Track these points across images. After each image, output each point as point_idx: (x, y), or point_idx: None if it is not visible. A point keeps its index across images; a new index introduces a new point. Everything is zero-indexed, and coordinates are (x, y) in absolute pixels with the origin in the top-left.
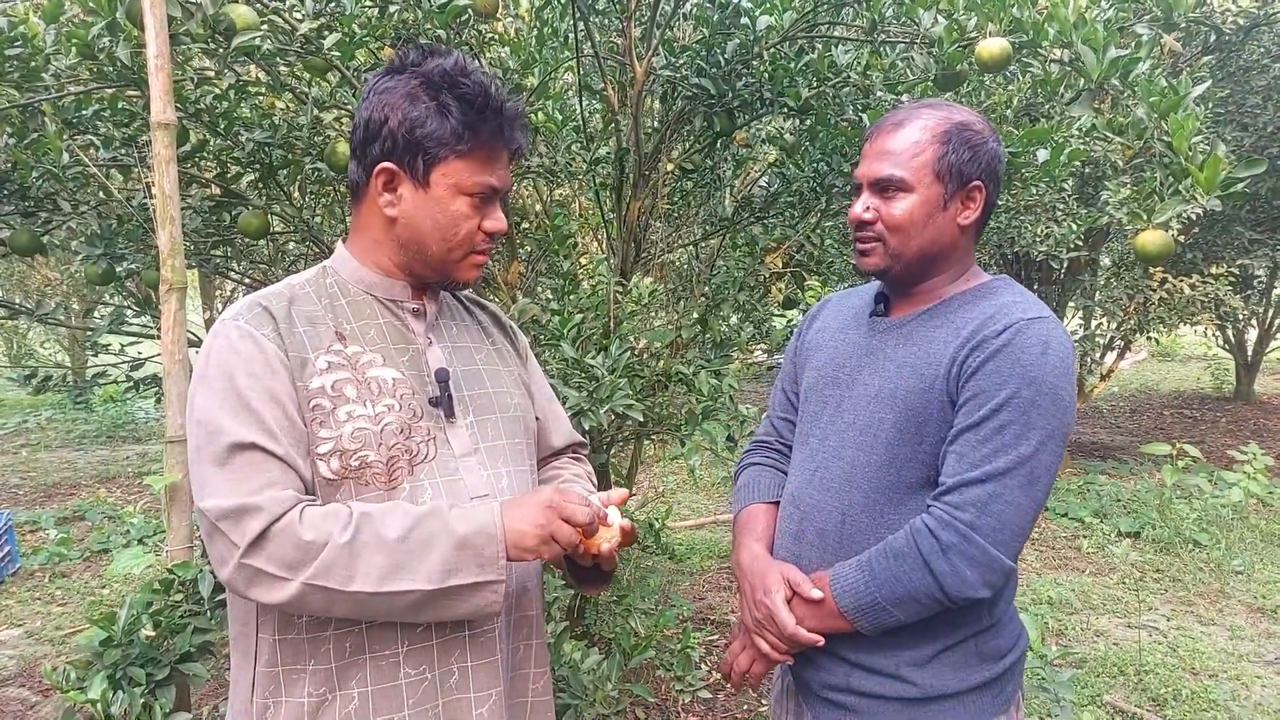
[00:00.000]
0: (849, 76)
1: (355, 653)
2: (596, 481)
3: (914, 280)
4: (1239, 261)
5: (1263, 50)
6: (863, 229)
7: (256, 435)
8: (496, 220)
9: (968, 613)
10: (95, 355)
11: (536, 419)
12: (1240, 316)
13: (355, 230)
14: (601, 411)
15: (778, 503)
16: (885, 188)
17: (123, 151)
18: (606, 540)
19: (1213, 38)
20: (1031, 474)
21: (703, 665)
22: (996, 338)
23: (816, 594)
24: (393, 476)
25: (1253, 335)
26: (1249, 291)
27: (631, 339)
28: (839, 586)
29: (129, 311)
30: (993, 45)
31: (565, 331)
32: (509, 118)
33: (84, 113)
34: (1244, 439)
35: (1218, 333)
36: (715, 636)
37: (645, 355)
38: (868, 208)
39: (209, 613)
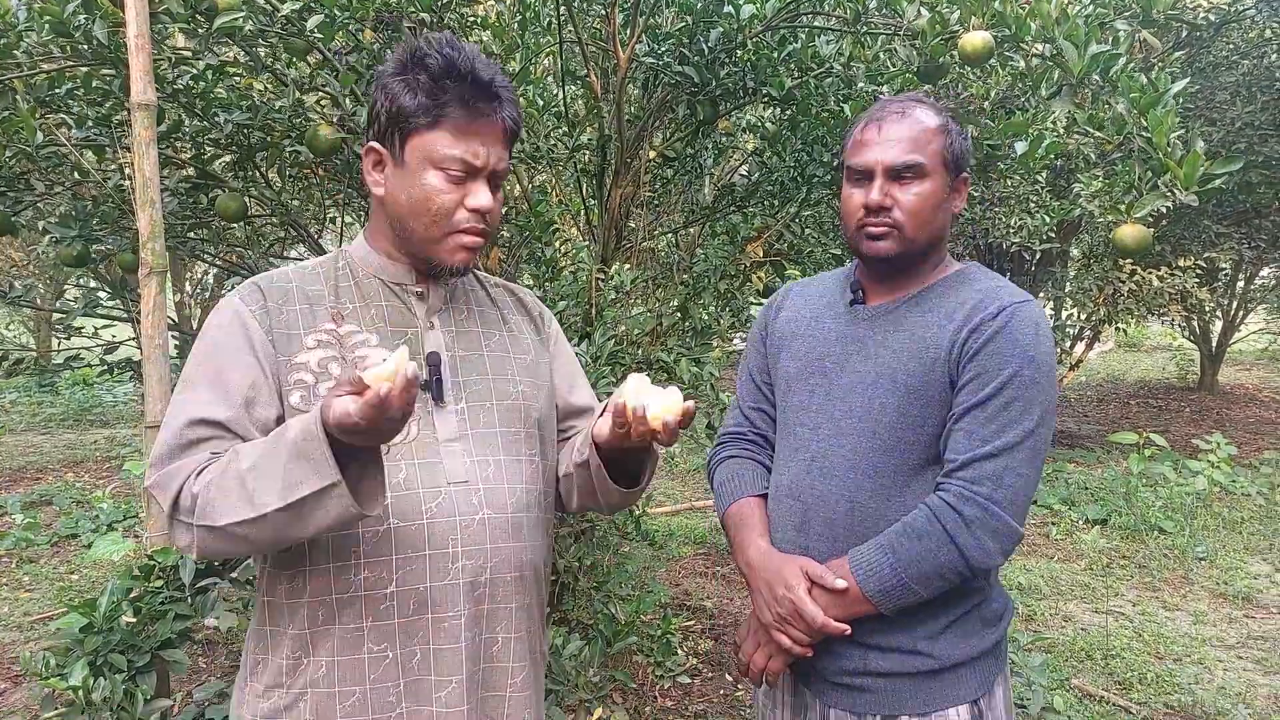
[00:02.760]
0: (832, 67)
1: (326, 621)
2: None
3: (910, 266)
4: (1206, 254)
5: (1232, 47)
6: (879, 214)
7: (216, 409)
8: (480, 198)
9: (972, 581)
10: (68, 338)
11: (558, 405)
12: (1206, 309)
13: (370, 217)
14: None
15: (764, 495)
16: (902, 173)
17: (96, 131)
18: (670, 413)
19: (1184, 33)
20: (1035, 446)
21: (680, 650)
22: (993, 320)
23: (841, 583)
24: None
25: (1218, 327)
26: (1215, 284)
27: (613, 326)
28: (862, 572)
29: (101, 294)
30: (976, 39)
31: None
32: (481, 86)
33: (57, 91)
34: (1208, 428)
35: (1183, 324)
36: (692, 622)
37: (626, 343)
38: (885, 194)
39: (189, 599)
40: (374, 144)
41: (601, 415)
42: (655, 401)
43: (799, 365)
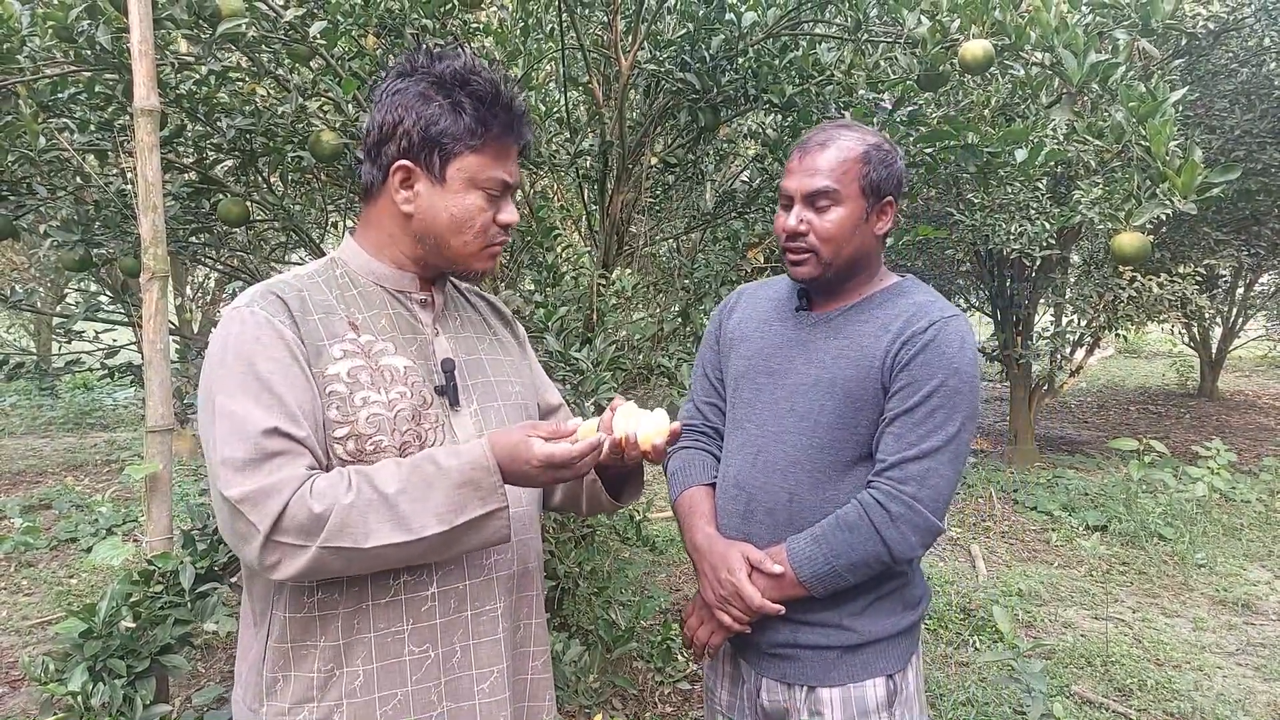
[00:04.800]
0: (832, 74)
1: (361, 630)
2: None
3: (839, 284)
4: (1205, 261)
5: (1231, 55)
6: (795, 239)
7: (280, 420)
8: (509, 213)
9: (890, 569)
10: (69, 342)
11: (538, 404)
12: (1206, 315)
13: (366, 225)
14: (587, 405)
15: (713, 484)
16: (818, 201)
17: (99, 136)
18: (659, 436)
19: (1183, 42)
20: (957, 450)
21: (680, 656)
22: (924, 333)
23: (777, 569)
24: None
25: (1217, 333)
26: (1215, 290)
27: (614, 332)
28: (797, 559)
29: (103, 298)
30: (976, 47)
31: (549, 324)
32: (518, 114)
33: (60, 95)
34: (1208, 435)
35: (1183, 330)
36: None
37: (627, 348)
38: (801, 220)
39: (189, 604)
40: (404, 162)
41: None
42: (645, 426)
43: (747, 364)
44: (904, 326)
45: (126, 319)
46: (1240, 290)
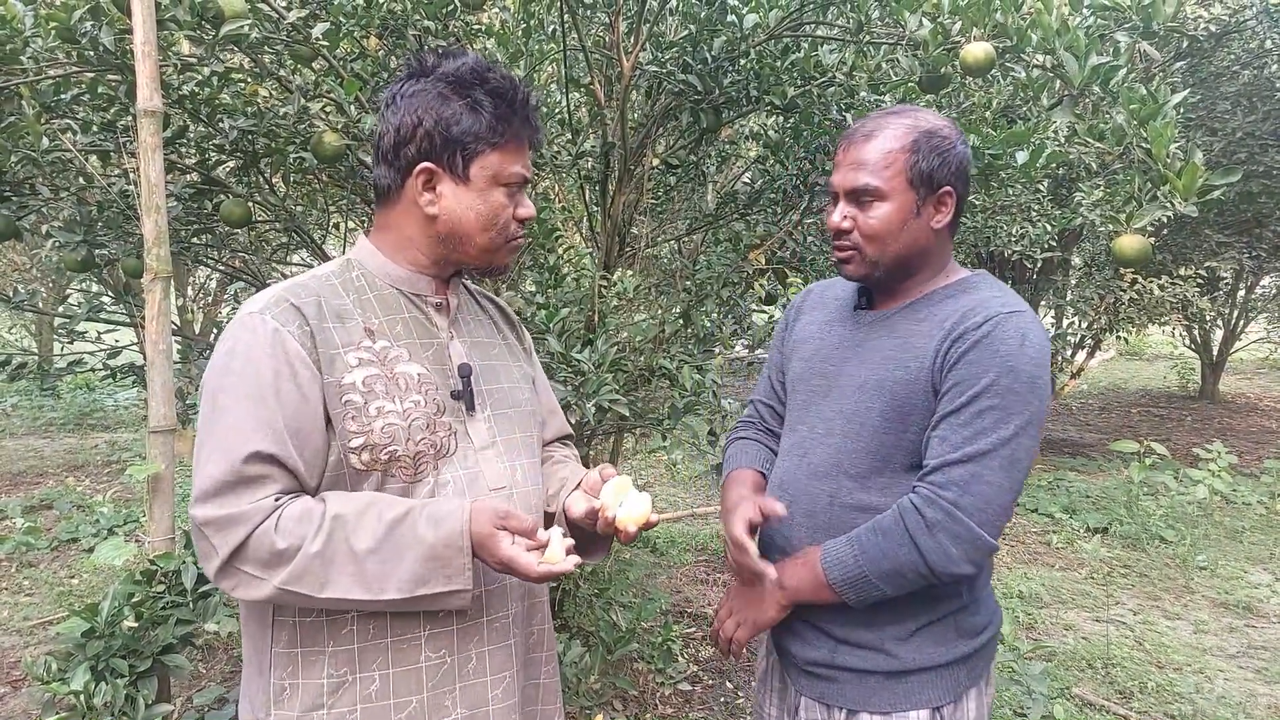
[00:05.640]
0: (834, 76)
1: (378, 635)
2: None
3: (894, 282)
4: (1207, 264)
5: (1233, 57)
6: (840, 237)
7: (266, 441)
8: (527, 207)
9: (948, 589)
10: (71, 343)
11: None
12: (1207, 317)
13: (383, 229)
14: (589, 406)
15: (763, 473)
16: (861, 197)
17: (102, 137)
18: (633, 523)
19: (1184, 44)
20: (1011, 456)
21: (681, 658)
22: (977, 329)
23: (780, 509)
24: (418, 470)
25: (1219, 336)
26: (1216, 293)
27: (615, 333)
28: (829, 559)
29: (105, 299)
30: (977, 49)
31: (551, 325)
32: (533, 108)
33: (63, 96)
34: (1209, 437)
35: (1184, 333)
36: (693, 629)
37: (629, 349)
38: (845, 216)
39: (191, 604)
40: (428, 164)
41: (577, 488)
42: (626, 508)
43: (805, 367)
44: (958, 323)
45: (129, 320)
46: (1241, 293)
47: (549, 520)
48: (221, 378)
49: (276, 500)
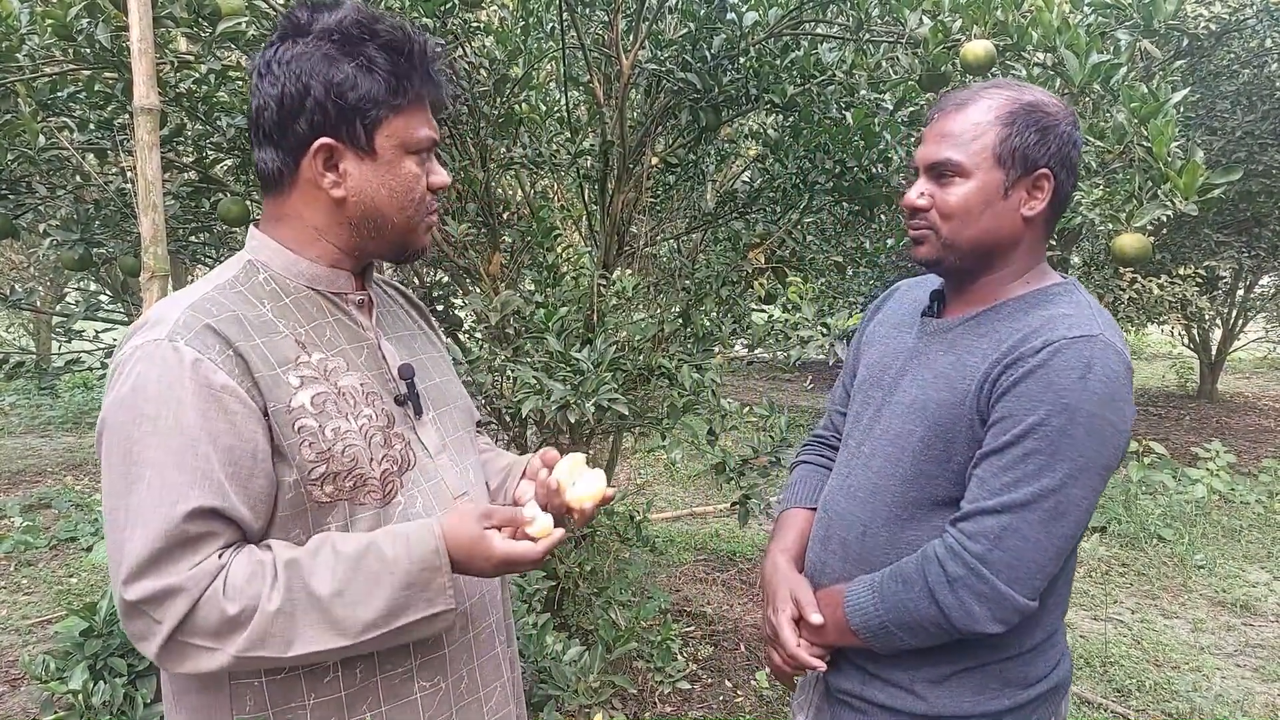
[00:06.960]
0: (834, 74)
1: (366, 676)
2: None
3: (969, 275)
4: (1206, 263)
5: (1233, 56)
6: (915, 216)
7: (205, 494)
8: (440, 174)
9: (990, 638)
10: (69, 341)
11: None
12: (1206, 317)
13: (279, 220)
14: (588, 405)
15: (814, 508)
16: (941, 172)
17: (99, 135)
18: (588, 500)
19: (1185, 42)
20: (1056, 509)
21: (680, 657)
22: (1034, 356)
23: (817, 619)
24: (386, 491)
25: (1217, 335)
26: (1215, 292)
27: (614, 332)
28: (851, 604)
29: (102, 298)
30: (978, 47)
31: (550, 324)
32: (432, 60)
33: (59, 94)
34: (1207, 436)
35: (1183, 332)
36: (692, 628)
37: (628, 349)
38: (922, 193)
39: None
40: (325, 140)
41: (523, 477)
42: (578, 487)
43: (867, 373)
44: (1015, 345)
45: (126, 318)
46: (1240, 292)
47: None
48: (133, 427)
49: (220, 557)
